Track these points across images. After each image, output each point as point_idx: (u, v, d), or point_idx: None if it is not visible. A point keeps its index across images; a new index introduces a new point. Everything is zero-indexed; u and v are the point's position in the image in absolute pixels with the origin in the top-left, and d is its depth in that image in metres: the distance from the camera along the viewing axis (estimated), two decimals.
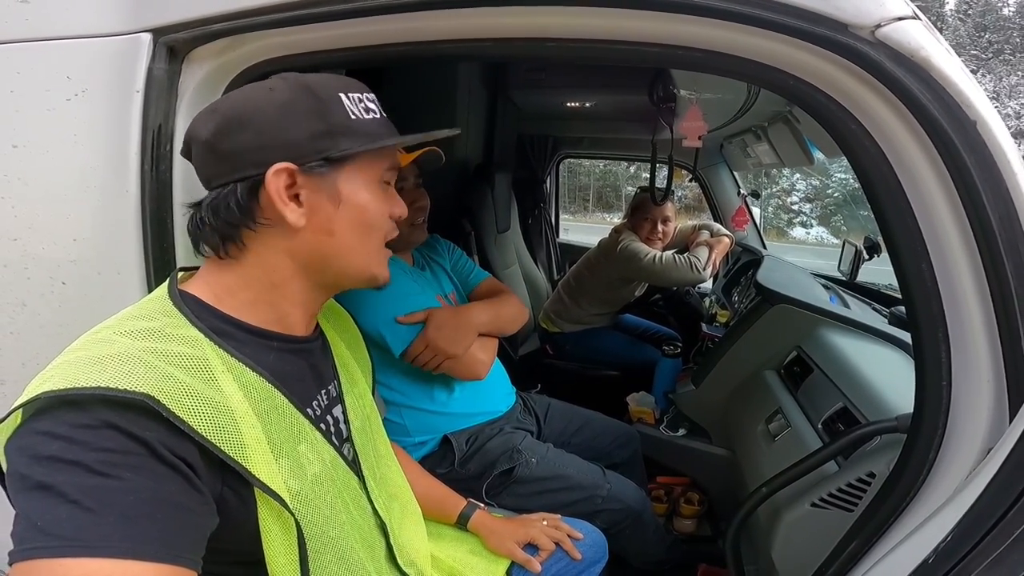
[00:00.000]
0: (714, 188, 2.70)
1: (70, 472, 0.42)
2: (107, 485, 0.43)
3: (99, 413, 0.44)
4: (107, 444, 0.43)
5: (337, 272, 0.61)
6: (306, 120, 0.56)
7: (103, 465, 0.43)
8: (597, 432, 1.43)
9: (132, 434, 0.44)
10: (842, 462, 1.01)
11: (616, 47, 0.70)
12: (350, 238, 0.59)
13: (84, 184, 0.73)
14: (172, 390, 0.46)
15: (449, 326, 1.08)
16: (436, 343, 1.06)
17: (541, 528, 0.96)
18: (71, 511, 0.41)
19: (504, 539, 0.92)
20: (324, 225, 0.58)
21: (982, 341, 0.64)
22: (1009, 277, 0.60)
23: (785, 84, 0.66)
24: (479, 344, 1.14)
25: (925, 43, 0.58)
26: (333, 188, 0.58)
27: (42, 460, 0.43)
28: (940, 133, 0.59)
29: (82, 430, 0.43)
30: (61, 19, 0.73)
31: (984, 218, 0.60)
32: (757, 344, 1.56)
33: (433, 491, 0.97)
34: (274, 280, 0.59)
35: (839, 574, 0.79)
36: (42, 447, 0.43)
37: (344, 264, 0.61)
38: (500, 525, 0.95)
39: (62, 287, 0.75)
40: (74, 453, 0.43)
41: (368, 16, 0.70)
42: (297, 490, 0.54)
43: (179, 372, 0.48)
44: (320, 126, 0.56)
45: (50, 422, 0.44)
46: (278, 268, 0.58)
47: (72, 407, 0.44)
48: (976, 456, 0.66)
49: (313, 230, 0.57)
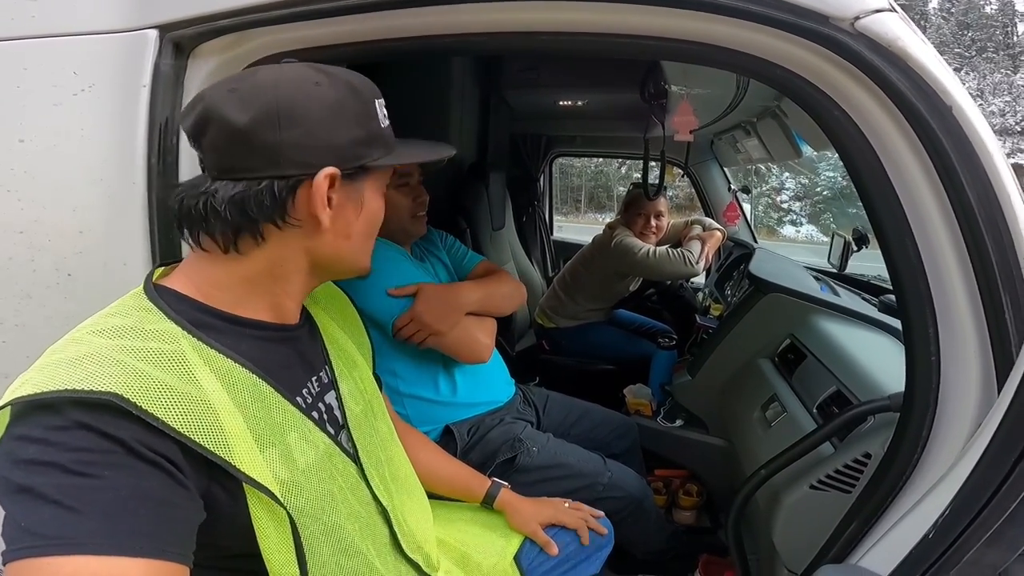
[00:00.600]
0: (705, 184, 2.74)
1: (48, 474, 0.43)
2: (86, 484, 0.43)
3: (71, 414, 0.44)
4: (81, 444, 0.43)
5: (341, 270, 0.63)
6: (352, 124, 0.55)
7: (80, 465, 0.43)
8: (596, 423, 1.44)
9: (105, 433, 0.44)
10: (837, 444, 1.03)
11: (607, 40, 0.72)
12: (361, 242, 0.61)
13: (91, 177, 0.74)
14: (145, 387, 0.46)
15: (437, 301, 1.08)
16: (422, 317, 1.06)
17: (565, 510, 0.98)
18: (54, 511, 0.42)
19: (529, 519, 0.94)
20: (344, 229, 0.58)
21: (967, 315, 0.67)
22: (990, 253, 0.63)
23: (773, 75, 0.69)
24: (479, 326, 1.14)
25: (901, 34, 0.61)
26: (359, 195, 0.58)
27: (20, 464, 0.43)
28: (919, 118, 0.62)
29: (56, 432, 0.43)
30: (68, 16, 0.74)
31: (964, 198, 0.63)
32: (751, 333, 1.59)
33: (459, 472, 0.98)
34: (278, 274, 0.58)
35: (841, 555, 0.80)
36: (20, 451, 0.43)
37: (350, 263, 0.62)
38: (526, 505, 0.97)
39: (68, 279, 0.76)
40: (50, 455, 0.43)
41: (371, 12, 0.73)
42: (287, 480, 0.54)
43: (153, 369, 0.48)
44: (361, 133, 0.56)
45: (26, 426, 0.44)
46: (288, 264, 0.58)
47: (45, 410, 0.44)
48: (968, 431, 0.68)
49: (334, 233, 0.58)
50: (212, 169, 0.54)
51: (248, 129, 0.51)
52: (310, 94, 0.53)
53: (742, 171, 2.86)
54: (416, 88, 1.94)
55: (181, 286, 0.56)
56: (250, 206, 0.52)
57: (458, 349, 1.12)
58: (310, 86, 0.53)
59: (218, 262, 0.56)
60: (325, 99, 0.53)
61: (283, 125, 0.51)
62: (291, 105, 0.52)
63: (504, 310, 1.23)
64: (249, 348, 0.56)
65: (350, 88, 0.55)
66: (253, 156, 0.52)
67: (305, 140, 0.52)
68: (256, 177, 0.52)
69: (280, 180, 0.53)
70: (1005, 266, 0.63)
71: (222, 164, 0.53)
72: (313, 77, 0.54)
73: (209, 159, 0.54)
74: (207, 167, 0.55)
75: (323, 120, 0.53)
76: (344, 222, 0.58)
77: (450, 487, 0.94)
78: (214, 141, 0.53)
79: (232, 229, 0.53)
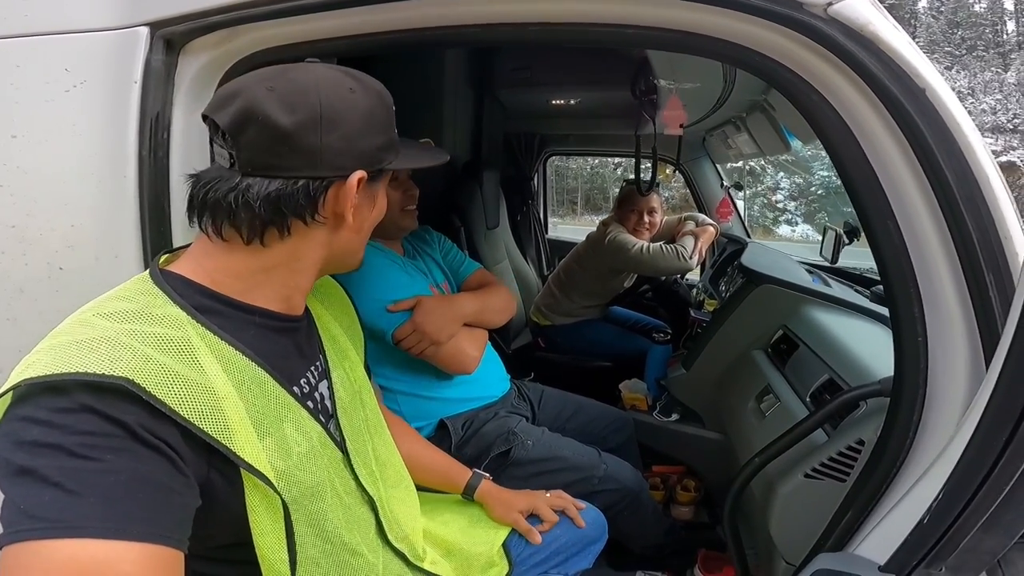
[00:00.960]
0: (698, 181, 2.76)
1: (51, 455, 0.43)
2: (88, 467, 0.43)
3: (78, 397, 0.44)
4: (86, 427, 0.44)
5: (345, 263, 0.66)
6: (379, 131, 0.59)
7: (83, 448, 0.43)
8: (591, 417, 1.45)
9: (111, 417, 0.44)
10: (830, 432, 1.04)
11: (595, 29, 0.73)
12: (366, 235, 0.66)
13: (82, 171, 0.75)
14: (152, 372, 0.47)
15: (437, 313, 1.11)
16: (423, 327, 1.09)
17: (545, 499, 0.98)
18: (54, 494, 0.42)
19: (509, 508, 0.95)
20: (359, 225, 0.62)
21: (952, 295, 0.68)
22: (972, 232, 0.64)
23: (753, 62, 0.70)
24: (468, 339, 1.17)
25: (872, 18, 0.63)
26: (375, 193, 0.63)
27: (24, 445, 0.43)
28: (893, 101, 0.63)
29: (62, 414, 0.44)
30: (60, 14, 0.75)
31: (942, 178, 0.64)
32: (744, 324, 1.60)
33: (439, 462, 0.99)
34: (295, 267, 0.60)
35: (838, 544, 0.80)
36: (24, 432, 0.44)
37: (354, 257, 0.66)
38: (506, 495, 0.97)
39: (60, 272, 0.76)
40: (54, 437, 0.43)
41: (359, 6, 0.73)
42: (282, 469, 0.54)
43: (160, 354, 0.48)
44: (385, 139, 0.60)
45: (31, 408, 0.44)
46: (308, 257, 0.60)
47: (52, 392, 0.44)
48: (960, 412, 0.69)
49: (352, 229, 0.61)
50: (245, 165, 0.54)
51: (293, 131, 0.53)
52: (347, 100, 0.56)
53: (736, 170, 2.87)
54: (410, 88, 1.96)
55: (189, 272, 0.57)
56: (286, 203, 0.55)
57: (447, 361, 1.15)
58: (346, 92, 0.56)
59: (236, 251, 0.57)
60: (360, 106, 0.57)
61: (325, 129, 0.54)
62: (332, 111, 0.54)
63: (497, 323, 1.26)
64: (252, 336, 0.57)
65: (379, 97, 0.59)
66: (294, 156, 0.54)
67: (342, 145, 0.55)
68: (293, 176, 0.55)
69: (315, 180, 0.55)
70: (987, 245, 0.64)
71: (258, 161, 0.54)
72: (347, 83, 0.57)
73: (244, 155, 0.54)
74: (239, 162, 0.54)
75: (358, 127, 0.56)
76: (360, 219, 0.62)
77: (430, 477, 0.95)
78: (255, 139, 0.53)
79: (261, 222, 0.55)
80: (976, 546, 0.62)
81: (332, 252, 0.62)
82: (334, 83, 0.56)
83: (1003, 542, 0.62)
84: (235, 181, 0.54)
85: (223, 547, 0.55)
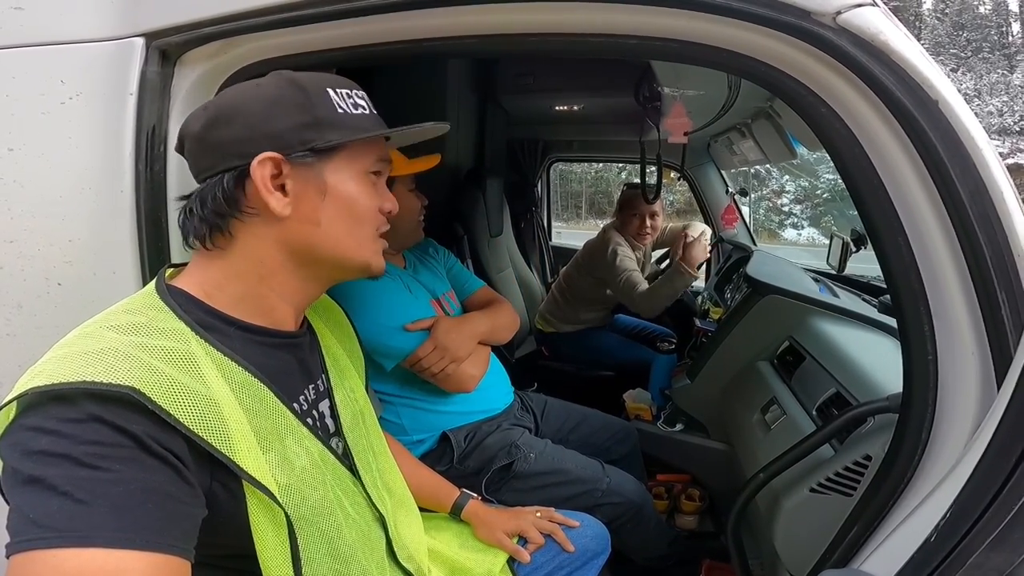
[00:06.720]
0: (703, 187, 2.74)
1: (59, 465, 0.43)
2: (97, 477, 0.43)
3: (86, 407, 0.44)
4: (95, 437, 0.44)
5: (329, 263, 0.62)
6: (292, 112, 0.57)
7: (92, 457, 0.43)
8: (595, 428, 1.44)
9: (119, 427, 0.44)
10: (837, 446, 1.02)
11: (595, 40, 0.72)
12: (337, 228, 0.60)
13: (79, 185, 0.74)
14: (158, 384, 0.47)
15: (456, 331, 1.13)
16: (445, 343, 1.10)
17: (533, 520, 0.96)
18: (62, 503, 0.42)
19: (494, 529, 0.93)
20: (310, 215, 0.59)
21: (963, 313, 0.66)
22: (984, 249, 0.62)
23: (758, 71, 0.68)
24: (471, 358, 1.17)
25: (884, 28, 0.60)
26: (320, 178, 0.59)
27: (32, 455, 0.43)
28: (905, 113, 0.61)
29: (70, 424, 0.44)
30: (55, 25, 0.75)
31: (955, 193, 0.61)
32: (749, 335, 1.58)
33: (427, 481, 0.98)
34: (262, 272, 0.59)
35: (843, 560, 0.79)
36: (32, 442, 0.44)
37: (333, 255, 0.61)
38: (492, 516, 0.96)
39: (58, 288, 0.76)
40: (63, 446, 0.43)
41: (356, 17, 0.72)
42: (285, 484, 0.55)
43: (165, 366, 0.49)
44: (306, 118, 0.57)
45: (39, 417, 0.44)
46: (266, 259, 0.59)
47: (60, 402, 0.45)
48: (970, 431, 0.67)
49: (299, 219, 0.58)
50: (196, 177, 0.60)
51: (201, 133, 0.58)
52: (248, 93, 0.59)
53: (741, 174, 2.85)
54: (413, 94, 1.95)
55: (188, 286, 0.58)
56: (209, 200, 0.57)
57: (447, 382, 1.15)
58: (251, 87, 0.59)
59: (212, 260, 0.59)
60: (262, 95, 0.58)
61: (225, 123, 0.57)
62: (231, 105, 0.58)
63: (504, 340, 1.29)
64: (253, 352, 0.57)
65: (291, 82, 0.59)
66: (209, 156, 0.58)
67: (244, 132, 0.57)
68: (212, 174, 0.58)
69: (228, 172, 0.57)
70: (1000, 262, 0.62)
71: (196, 170, 0.60)
72: (257, 80, 0.60)
73: (192, 169, 0.60)
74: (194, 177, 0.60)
75: (258, 112, 0.57)
76: (308, 207, 0.59)
77: (420, 495, 0.92)
78: (188, 151, 0.60)
79: (207, 225, 0.58)
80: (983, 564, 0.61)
81: (294, 251, 0.59)
82: (244, 84, 0.60)
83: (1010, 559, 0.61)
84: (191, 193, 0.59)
85: (228, 556, 0.55)
